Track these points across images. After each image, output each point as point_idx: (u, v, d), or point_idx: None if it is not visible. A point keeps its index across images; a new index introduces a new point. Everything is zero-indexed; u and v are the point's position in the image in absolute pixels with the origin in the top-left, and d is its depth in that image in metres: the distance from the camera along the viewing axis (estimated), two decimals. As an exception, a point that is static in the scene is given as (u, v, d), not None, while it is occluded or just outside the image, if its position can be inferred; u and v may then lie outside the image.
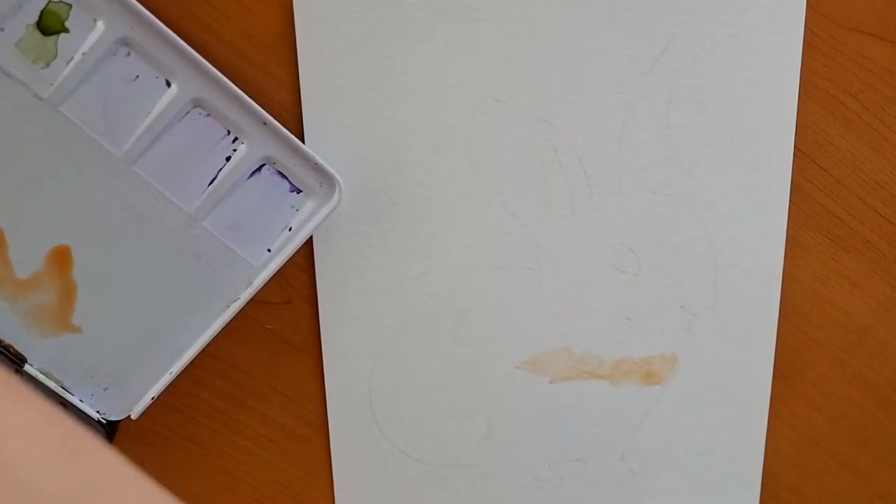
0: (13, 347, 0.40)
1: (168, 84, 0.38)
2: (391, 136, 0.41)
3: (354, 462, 0.46)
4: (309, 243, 0.42)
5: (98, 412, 0.42)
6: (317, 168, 0.40)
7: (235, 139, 0.39)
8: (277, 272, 0.41)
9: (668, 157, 0.42)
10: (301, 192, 0.40)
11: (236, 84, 0.38)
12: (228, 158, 0.40)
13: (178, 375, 0.41)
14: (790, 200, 0.44)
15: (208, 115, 0.39)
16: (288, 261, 0.41)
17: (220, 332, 0.41)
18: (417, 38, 0.39)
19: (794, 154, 0.43)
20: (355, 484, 0.46)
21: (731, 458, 0.47)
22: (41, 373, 0.41)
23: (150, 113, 0.38)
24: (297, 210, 0.41)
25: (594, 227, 0.43)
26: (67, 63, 0.37)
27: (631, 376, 0.45)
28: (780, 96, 0.41)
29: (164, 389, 0.41)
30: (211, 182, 0.40)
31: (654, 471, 0.47)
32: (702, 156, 0.42)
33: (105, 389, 0.41)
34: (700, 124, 0.41)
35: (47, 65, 0.37)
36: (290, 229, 0.41)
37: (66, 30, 0.37)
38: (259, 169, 0.40)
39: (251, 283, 0.41)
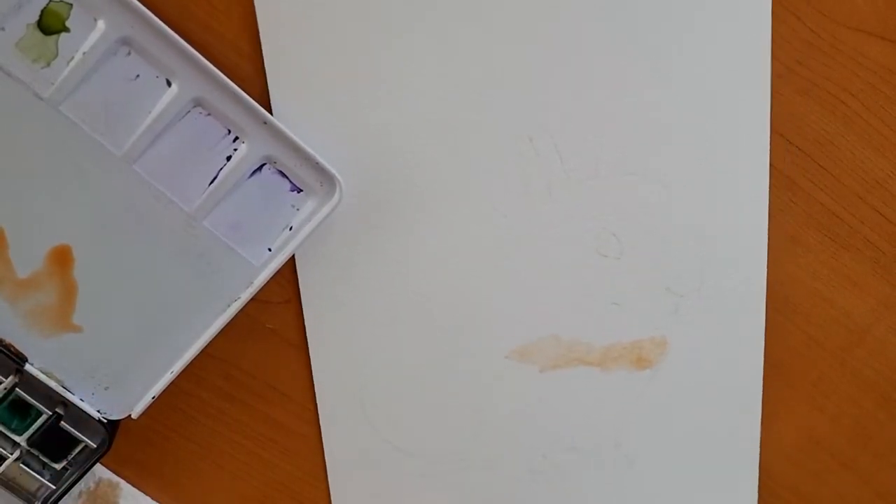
0: (14, 347, 0.40)
1: (168, 83, 0.38)
2: (368, 132, 0.40)
3: (348, 459, 0.46)
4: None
5: (99, 411, 0.42)
6: (317, 167, 0.40)
7: (236, 138, 0.39)
8: (278, 271, 0.41)
9: (644, 138, 0.42)
10: (301, 191, 0.40)
11: (236, 83, 0.38)
12: (229, 158, 0.40)
13: (179, 375, 0.41)
14: (791, 200, 0.44)
15: (209, 114, 0.39)
16: (288, 260, 0.41)
17: (221, 331, 0.41)
18: (390, 33, 0.39)
19: (794, 154, 0.43)
20: (350, 481, 0.46)
21: (727, 439, 0.46)
22: (42, 372, 0.41)
23: (150, 112, 0.38)
24: (298, 209, 0.41)
25: (574, 213, 0.42)
26: (68, 62, 0.37)
27: (621, 362, 0.45)
28: (751, 70, 0.41)
29: (165, 389, 0.41)
30: (211, 181, 0.40)
31: (651, 456, 0.47)
32: (678, 135, 0.42)
33: (106, 389, 0.41)
34: (675, 103, 0.41)
35: (48, 64, 0.37)
36: (290, 228, 0.41)
37: (66, 29, 0.37)
38: (259, 168, 0.40)
39: (252, 282, 0.41)
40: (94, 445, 0.42)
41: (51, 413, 0.41)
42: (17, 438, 0.41)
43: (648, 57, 0.40)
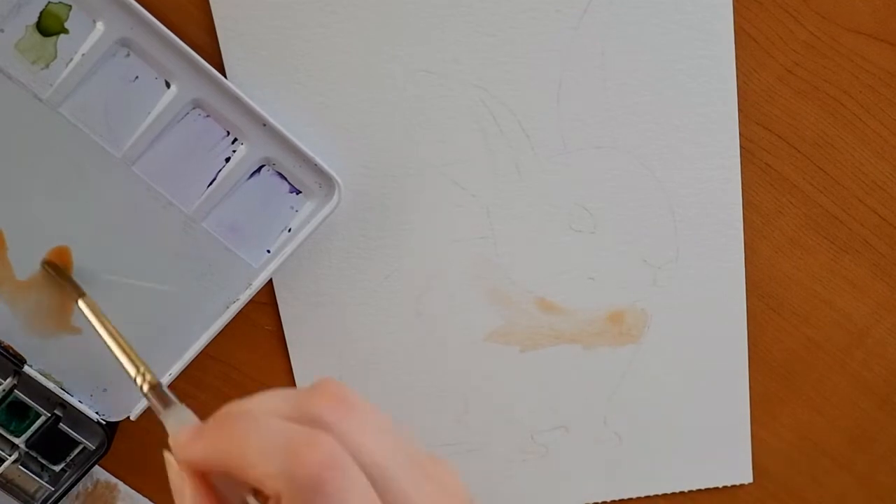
0: (13, 349, 0.40)
1: (168, 85, 0.38)
2: (324, 119, 0.40)
3: None
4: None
5: (97, 413, 0.41)
6: (316, 169, 0.40)
7: (235, 140, 0.39)
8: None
9: (609, 110, 0.41)
10: (300, 192, 0.40)
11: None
12: (228, 159, 0.40)
13: (178, 376, 0.41)
14: (790, 202, 0.44)
15: (208, 116, 0.39)
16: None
17: (220, 333, 0.41)
18: (339, 17, 0.39)
19: (794, 156, 0.43)
20: None
21: (716, 411, 0.46)
22: (41, 374, 0.41)
23: (149, 114, 0.38)
24: (297, 211, 0.41)
25: (544, 189, 0.42)
26: (67, 64, 0.37)
27: (603, 337, 0.45)
28: (715, 36, 0.40)
29: (164, 390, 0.41)
30: (210, 183, 0.40)
31: (641, 431, 0.46)
32: (644, 105, 0.41)
33: (104, 390, 0.41)
34: (637, 73, 0.41)
35: (47, 66, 0.37)
36: (289, 230, 0.41)
37: (65, 31, 0.37)
38: (258, 170, 0.40)
39: (250, 284, 0.41)
40: (93, 447, 0.42)
41: (49, 415, 0.41)
42: (15, 440, 0.41)
43: (606, 26, 0.40)
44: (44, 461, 0.42)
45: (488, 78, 0.41)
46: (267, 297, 0.43)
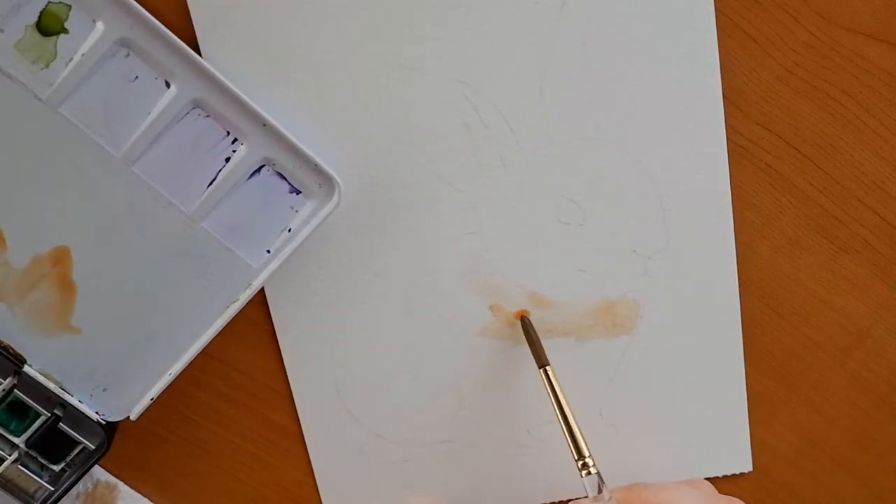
0: (12, 348, 0.40)
1: (167, 85, 0.38)
2: (308, 119, 0.40)
3: (332, 451, 0.45)
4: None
5: (97, 413, 0.42)
6: (316, 169, 0.40)
7: (235, 140, 0.39)
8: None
9: (593, 101, 0.41)
10: (300, 193, 0.41)
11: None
12: (228, 159, 0.40)
13: (178, 376, 0.41)
14: (790, 202, 0.44)
15: (208, 116, 0.39)
16: (287, 262, 0.41)
17: (220, 333, 0.41)
18: (320, 17, 0.39)
19: (793, 156, 0.43)
20: (336, 473, 0.46)
21: (711, 400, 0.46)
22: (40, 373, 0.41)
23: (149, 114, 0.38)
24: (297, 211, 0.41)
25: (530, 183, 0.42)
26: (67, 64, 0.37)
27: (596, 329, 0.45)
28: (697, 22, 0.40)
29: (164, 390, 0.41)
30: (210, 183, 0.40)
31: (637, 423, 0.46)
32: (628, 94, 0.41)
33: (104, 390, 0.41)
34: (620, 62, 0.41)
35: (47, 66, 0.37)
36: (289, 230, 0.41)
37: (65, 30, 0.37)
38: (258, 170, 0.40)
39: (250, 284, 0.41)
40: (93, 447, 0.42)
41: (49, 414, 0.41)
42: (15, 440, 0.41)
43: (587, 17, 0.40)
44: (44, 461, 0.42)
45: (470, 72, 0.41)
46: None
